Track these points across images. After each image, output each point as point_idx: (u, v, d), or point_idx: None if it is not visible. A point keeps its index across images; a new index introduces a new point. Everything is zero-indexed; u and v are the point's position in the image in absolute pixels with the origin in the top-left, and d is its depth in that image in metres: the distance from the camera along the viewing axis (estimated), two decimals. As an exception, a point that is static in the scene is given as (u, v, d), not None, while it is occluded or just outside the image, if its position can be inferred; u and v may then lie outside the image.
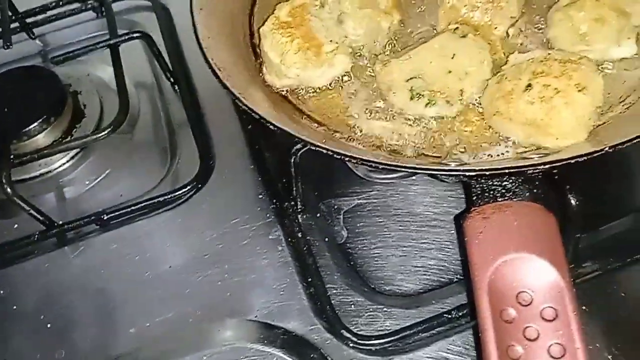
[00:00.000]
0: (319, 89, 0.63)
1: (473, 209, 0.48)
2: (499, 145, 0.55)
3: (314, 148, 0.51)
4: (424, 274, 0.61)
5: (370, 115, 0.60)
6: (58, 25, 0.90)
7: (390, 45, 0.65)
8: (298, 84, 0.62)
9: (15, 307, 0.64)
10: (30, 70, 0.81)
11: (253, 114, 0.54)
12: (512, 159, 0.53)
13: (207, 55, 0.58)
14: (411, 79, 0.58)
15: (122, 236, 0.69)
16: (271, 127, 0.52)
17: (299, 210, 0.65)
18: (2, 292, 0.65)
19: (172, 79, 0.80)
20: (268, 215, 0.66)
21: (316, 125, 0.60)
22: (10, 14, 0.84)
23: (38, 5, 0.88)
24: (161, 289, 0.64)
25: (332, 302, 0.59)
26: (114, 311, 0.63)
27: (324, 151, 0.50)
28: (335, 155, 0.49)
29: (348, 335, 0.56)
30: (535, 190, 0.47)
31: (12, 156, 0.67)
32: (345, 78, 0.63)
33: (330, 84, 0.63)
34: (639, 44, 0.59)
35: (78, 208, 0.73)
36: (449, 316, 0.56)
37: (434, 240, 0.63)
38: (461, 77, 0.57)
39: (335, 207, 0.67)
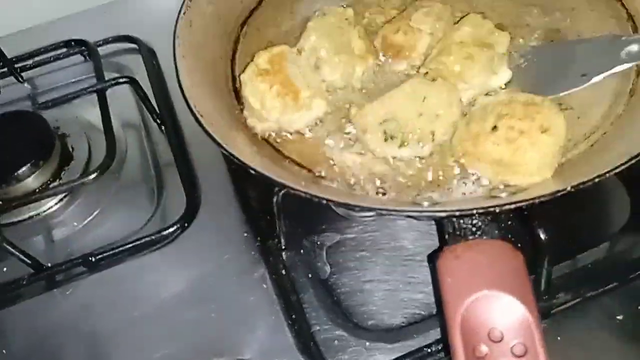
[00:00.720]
0: (298, 132, 0.65)
1: (445, 247, 0.50)
2: (469, 183, 0.57)
3: (292, 192, 0.52)
4: (407, 308, 0.63)
5: (345, 155, 0.62)
6: (46, 69, 0.92)
7: (364, 89, 0.67)
8: (278, 128, 0.65)
9: (4, 351, 0.65)
10: (19, 115, 0.82)
11: (234, 159, 0.56)
12: (482, 197, 0.55)
13: (190, 104, 0.60)
14: (384, 121, 0.60)
15: (110, 277, 0.70)
16: (252, 172, 0.54)
17: (283, 247, 0.67)
18: (-8, 335, 0.66)
19: (158, 120, 0.82)
20: (253, 253, 0.68)
21: (297, 167, 0.62)
22: (-1, 60, 0.86)
23: (26, 51, 0.90)
24: (150, 329, 0.65)
25: (316, 338, 0.60)
26: (104, 352, 0.64)
27: (302, 194, 0.51)
28: (313, 198, 0.51)
29: (332, 373, 0.57)
30: (504, 228, 0.50)
31: (0, 201, 0.68)
32: (322, 121, 0.65)
33: (308, 127, 0.65)
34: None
35: (67, 250, 0.74)
36: (429, 350, 0.57)
37: (416, 275, 0.65)
38: (432, 119, 0.60)
39: (318, 243, 0.69)
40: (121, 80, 0.80)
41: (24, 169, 0.76)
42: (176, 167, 0.78)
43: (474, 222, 0.50)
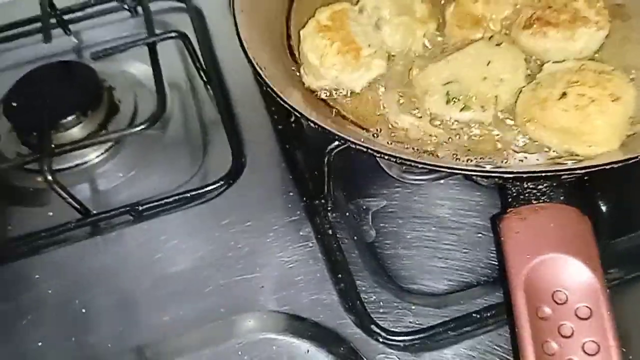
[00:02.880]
0: (354, 91, 0.64)
1: (509, 210, 0.49)
2: (532, 150, 0.56)
3: (354, 147, 0.52)
4: (451, 274, 0.63)
5: (402, 117, 0.61)
6: (93, 24, 0.93)
7: (425, 52, 0.66)
8: (335, 86, 0.64)
9: (50, 290, 0.66)
10: (68, 65, 0.83)
11: (295, 112, 0.56)
12: (545, 164, 0.54)
13: (250, 55, 0.60)
14: (448, 83, 0.59)
15: (154, 228, 0.70)
16: (313, 125, 0.54)
17: (329, 208, 0.67)
18: (37, 276, 0.67)
19: (205, 78, 0.82)
20: (298, 212, 0.68)
21: (352, 125, 0.61)
22: (49, 10, 0.86)
23: (75, 3, 0.90)
24: (192, 281, 0.65)
25: (362, 298, 0.60)
26: (144, 300, 0.65)
27: (366, 150, 0.51)
28: (376, 155, 0.51)
29: (377, 330, 0.57)
30: (569, 195, 0.49)
31: (52, 146, 0.69)
32: (381, 81, 0.65)
33: (365, 87, 0.65)
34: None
35: (110, 200, 0.75)
36: (477, 316, 0.57)
37: (460, 243, 0.65)
38: (496, 83, 0.59)
39: (364, 207, 0.69)
40: (172, 34, 0.80)
41: (72, 117, 0.77)
42: (222, 124, 0.78)
43: (539, 187, 0.50)
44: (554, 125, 0.55)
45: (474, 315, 0.57)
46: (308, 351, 0.59)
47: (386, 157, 0.51)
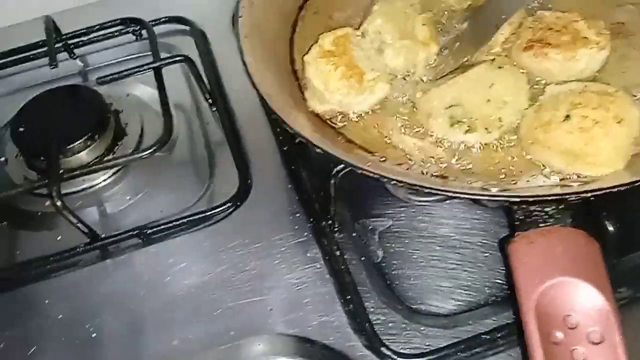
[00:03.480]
0: (360, 114, 0.65)
1: (517, 233, 0.50)
2: (537, 172, 0.57)
3: (360, 171, 0.53)
4: (459, 295, 0.63)
5: (405, 138, 0.62)
6: (97, 47, 0.94)
7: (427, 75, 0.67)
8: (340, 109, 0.65)
9: (60, 316, 0.66)
10: (75, 89, 0.84)
11: (300, 138, 0.56)
12: (552, 186, 0.55)
13: (255, 81, 0.61)
14: (451, 106, 0.61)
15: (161, 251, 0.71)
16: (319, 150, 0.55)
17: (336, 229, 0.67)
18: (47, 301, 0.67)
19: (210, 101, 0.83)
20: (305, 233, 0.69)
21: (358, 149, 0.62)
22: (54, 35, 0.87)
23: (81, 28, 0.91)
24: (201, 304, 0.65)
25: (370, 319, 0.60)
26: (154, 324, 0.65)
27: (372, 174, 0.52)
28: (383, 179, 0.51)
29: (388, 352, 0.58)
30: (575, 217, 0.49)
31: (61, 171, 0.69)
32: (385, 105, 0.66)
33: (369, 111, 0.66)
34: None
35: (118, 223, 0.75)
36: (487, 337, 0.57)
37: (466, 262, 0.66)
38: (500, 105, 0.60)
39: (370, 227, 0.69)
40: (177, 58, 0.81)
41: (79, 141, 0.77)
42: (228, 146, 0.78)
43: (546, 209, 0.50)
44: (559, 147, 0.56)
45: (483, 336, 0.57)
46: (318, 374, 0.59)
47: (392, 182, 0.51)
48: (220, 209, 0.72)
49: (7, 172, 0.80)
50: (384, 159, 0.61)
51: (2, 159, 0.82)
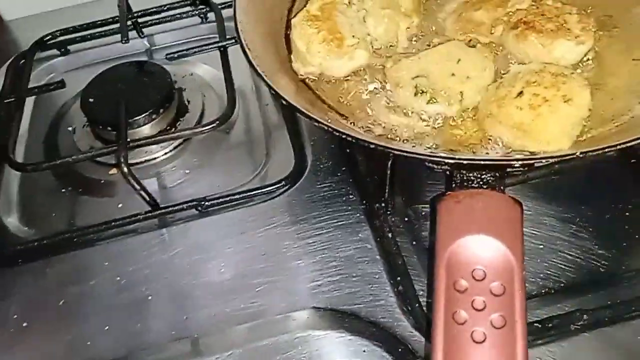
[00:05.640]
0: (338, 79, 0.69)
1: (448, 193, 0.53)
2: (491, 146, 0.60)
3: (334, 132, 0.56)
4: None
5: (380, 106, 0.66)
6: (164, 28, 0.97)
7: (409, 47, 0.71)
8: (320, 72, 0.69)
9: (118, 277, 0.69)
10: (143, 65, 0.87)
11: (270, 90, 0.61)
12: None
13: (241, 36, 0.65)
14: (417, 77, 0.64)
15: (217, 223, 0.73)
16: (295, 111, 0.59)
17: (389, 212, 0.68)
18: (106, 263, 0.70)
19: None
20: (358, 214, 0.70)
21: (333, 113, 0.66)
22: (126, 12, 0.91)
23: (151, 7, 0.95)
24: (251, 276, 0.67)
25: (420, 301, 0.61)
26: (204, 293, 0.67)
27: (338, 134, 0.56)
28: (343, 136, 0.55)
29: (435, 333, 0.58)
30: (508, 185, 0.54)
31: (128, 140, 0.72)
32: (364, 72, 0.69)
33: (349, 76, 0.69)
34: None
35: (176, 195, 0.77)
36: (539, 326, 0.57)
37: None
38: (463, 80, 0.63)
39: (423, 213, 0.69)
40: (243, 39, 0.83)
41: (145, 114, 0.80)
42: (285, 128, 0.80)
43: (483, 176, 0.53)
44: (509, 121, 0.59)
45: (535, 324, 0.57)
46: (364, 350, 0.60)
47: (343, 136, 0.55)
48: (276, 186, 0.73)
49: (74, 141, 0.84)
50: (352, 123, 0.64)
51: (70, 128, 0.86)
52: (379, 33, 0.71)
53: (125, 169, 0.68)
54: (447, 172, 0.60)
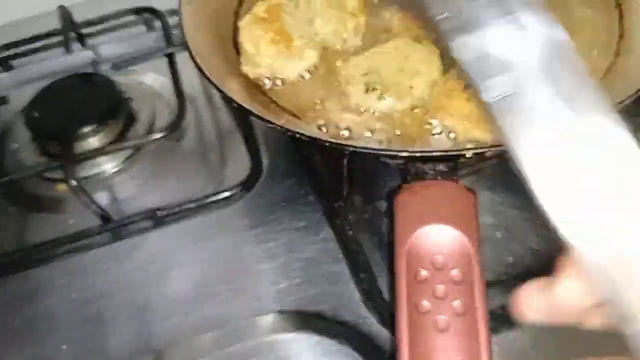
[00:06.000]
0: (289, 81, 0.69)
1: (403, 185, 0.55)
2: (444, 138, 0.62)
3: (288, 132, 0.57)
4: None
5: (333, 106, 0.66)
6: (109, 38, 0.95)
7: (355, 45, 0.71)
8: (270, 74, 0.69)
9: (73, 295, 0.66)
10: (88, 77, 0.85)
11: (221, 93, 0.61)
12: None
13: (188, 41, 0.65)
14: (366, 74, 0.64)
15: (174, 234, 0.71)
16: (237, 106, 0.59)
17: (349, 211, 0.68)
18: (62, 281, 0.68)
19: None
20: (318, 215, 0.69)
21: (287, 114, 0.66)
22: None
23: (94, 17, 0.93)
24: (210, 285, 0.66)
25: (384, 297, 0.61)
26: (163, 305, 0.65)
27: (292, 134, 0.57)
28: (297, 135, 0.56)
29: (401, 327, 0.58)
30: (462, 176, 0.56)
31: (76, 153, 0.70)
32: (315, 73, 0.70)
33: (300, 77, 0.69)
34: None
35: (128, 208, 0.75)
36: (501, 312, 0.57)
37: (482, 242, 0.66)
38: (412, 75, 0.64)
39: (382, 210, 0.70)
40: (190, 45, 0.82)
41: (91, 126, 0.78)
42: (239, 133, 0.79)
43: (437, 167, 0.55)
44: (458, 113, 0.60)
45: (496, 312, 0.57)
46: (332, 350, 0.59)
47: (297, 136, 0.56)
48: (232, 192, 0.72)
49: (19, 158, 0.81)
50: (307, 124, 0.64)
51: (15, 145, 0.83)
52: (327, 33, 0.71)
53: (74, 183, 0.66)
54: (402, 166, 0.61)
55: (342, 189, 0.68)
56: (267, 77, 0.69)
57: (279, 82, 0.69)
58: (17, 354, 0.62)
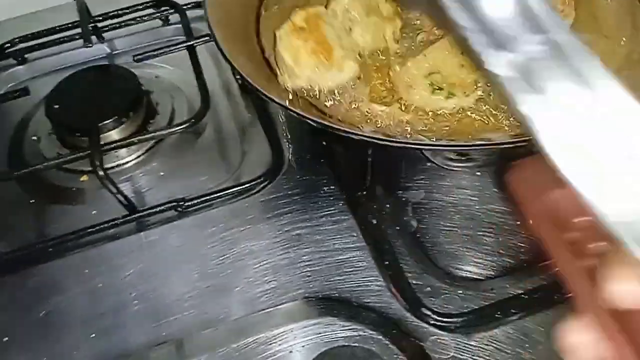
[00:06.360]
0: (330, 92, 0.67)
1: (513, 163, 0.53)
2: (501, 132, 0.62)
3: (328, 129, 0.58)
4: (493, 263, 0.65)
5: (376, 106, 0.66)
6: (125, 32, 0.95)
7: (395, 50, 0.70)
8: (309, 86, 0.67)
9: (100, 284, 0.67)
10: (107, 69, 0.85)
11: (292, 112, 0.60)
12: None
13: (233, 62, 0.64)
14: (430, 74, 0.64)
15: (198, 224, 0.72)
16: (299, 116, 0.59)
17: (371, 200, 0.69)
18: (87, 271, 0.68)
19: (240, 81, 0.85)
20: (341, 203, 0.70)
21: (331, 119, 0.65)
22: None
23: (111, 10, 0.93)
24: (238, 273, 0.67)
25: (410, 283, 0.62)
26: (191, 294, 0.66)
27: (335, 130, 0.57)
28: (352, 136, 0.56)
29: (428, 312, 0.59)
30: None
31: (101, 143, 0.71)
32: (354, 84, 0.68)
33: (339, 90, 0.67)
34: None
35: (151, 199, 0.76)
36: (525, 297, 0.59)
37: (499, 231, 0.67)
38: (473, 69, 0.63)
39: (404, 199, 0.71)
40: (209, 38, 0.82)
41: (113, 119, 0.78)
42: (260, 125, 0.80)
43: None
44: None
45: (522, 296, 0.59)
46: (358, 335, 0.60)
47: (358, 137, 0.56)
48: (255, 182, 0.73)
49: (40, 150, 0.82)
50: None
51: (35, 137, 0.83)
52: (367, 41, 0.69)
53: (102, 173, 0.67)
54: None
55: (364, 179, 0.69)
56: (305, 89, 0.67)
57: (318, 94, 0.67)
58: (45, 344, 0.63)
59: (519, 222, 0.67)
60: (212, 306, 0.65)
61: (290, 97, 0.67)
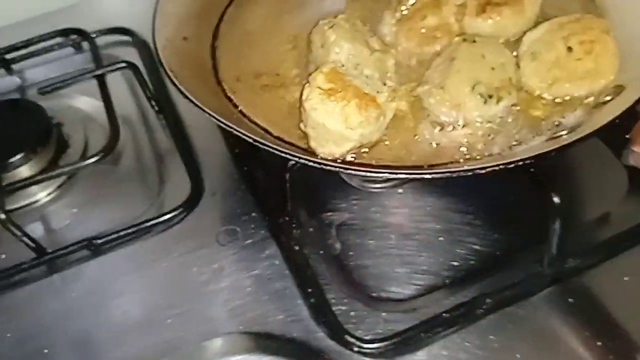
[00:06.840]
0: (378, 140, 0.63)
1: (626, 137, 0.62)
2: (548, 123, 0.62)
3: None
4: (416, 280, 0.64)
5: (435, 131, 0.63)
6: (36, 62, 0.91)
7: (399, 80, 0.68)
8: (360, 143, 0.61)
9: (8, 334, 0.63)
10: (14, 103, 0.81)
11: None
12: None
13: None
14: (474, 86, 0.62)
15: (114, 262, 0.69)
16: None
17: (293, 225, 0.67)
18: (-5, 320, 0.64)
19: (156, 107, 0.82)
20: (262, 232, 0.68)
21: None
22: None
23: (18, 41, 0.89)
24: (156, 311, 0.64)
25: (333, 310, 0.60)
26: (107, 336, 0.63)
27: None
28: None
29: (352, 340, 0.57)
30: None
31: (4, 184, 0.67)
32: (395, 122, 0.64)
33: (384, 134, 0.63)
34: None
35: (64, 237, 0.72)
36: (447, 315, 0.58)
37: (420, 248, 0.67)
38: (503, 68, 0.63)
39: (327, 221, 0.69)
40: (121, 65, 0.80)
41: (21, 155, 0.74)
42: (177, 153, 0.77)
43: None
44: (575, 75, 0.62)
45: (443, 315, 0.58)
46: (284, 369, 0.58)
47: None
48: (173, 214, 0.70)
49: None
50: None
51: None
52: (375, 77, 0.64)
53: (3, 216, 0.63)
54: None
55: (285, 204, 0.67)
56: (356, 148, 0.61)
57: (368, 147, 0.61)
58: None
59: (442, 240, 0.66)
60: (134, 347, 0.61)
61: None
